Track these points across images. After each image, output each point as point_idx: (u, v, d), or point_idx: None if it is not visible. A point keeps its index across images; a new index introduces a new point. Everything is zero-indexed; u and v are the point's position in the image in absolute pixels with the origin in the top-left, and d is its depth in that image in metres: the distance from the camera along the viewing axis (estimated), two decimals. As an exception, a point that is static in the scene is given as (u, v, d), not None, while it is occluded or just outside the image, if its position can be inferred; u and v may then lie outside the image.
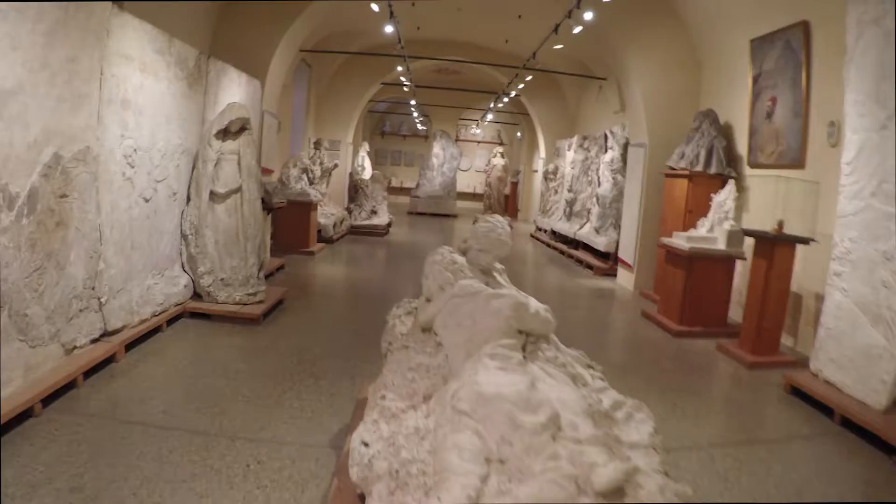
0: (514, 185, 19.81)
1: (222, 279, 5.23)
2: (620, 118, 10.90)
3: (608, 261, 9.21)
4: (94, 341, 3.92)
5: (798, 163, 5.94)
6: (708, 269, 5.99)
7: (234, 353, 4.33)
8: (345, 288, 7.02)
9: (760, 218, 5.52)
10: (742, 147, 6.92)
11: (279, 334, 4.88)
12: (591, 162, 10.93)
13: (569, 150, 12.66)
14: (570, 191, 11.81)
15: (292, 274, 7.41)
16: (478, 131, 22.08)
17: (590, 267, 9.35)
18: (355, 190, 12.28)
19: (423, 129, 22.96)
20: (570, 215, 11.75)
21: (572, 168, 11.85)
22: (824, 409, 4.08)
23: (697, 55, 7.84)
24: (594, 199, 10.29)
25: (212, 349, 4.39)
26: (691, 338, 5.90)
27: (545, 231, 13.26)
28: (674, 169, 7.28)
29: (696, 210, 6.96)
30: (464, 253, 3.04)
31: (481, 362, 2.37)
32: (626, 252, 8.36)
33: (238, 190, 5.37)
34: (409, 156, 24.52)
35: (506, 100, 13.33)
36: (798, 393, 4.40)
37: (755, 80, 6.63)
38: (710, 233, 6.18)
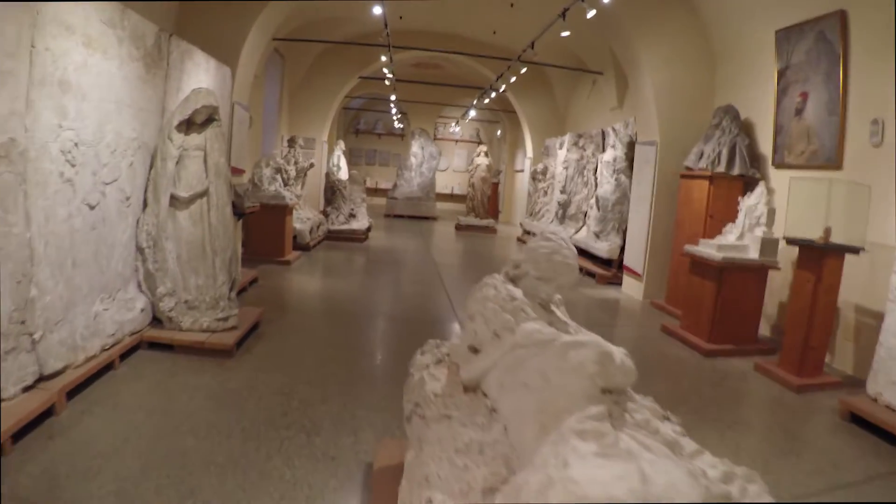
0: (495, 185, 19.18)
1: (187, 301, 4.41)
2: (618, 115, 10.35)
3: (611, 268, 8.61)
4: (26, 389, 3.11)
5: (834, 163, 5.42)
6: (740, 280, 5.41)
7: (202, 399, 3.53)
8: (328, 304, 6.23)
9: (792, 223, 4.96)
10: (765, 146, 6.38)
11: (257, 369, 4.09)
12: (586, 161, 10.34)
13: (560, 148, 12.07)
14: (562, 192, 11.21)
15: (267, 288, 6.60)
16: (457, 129, 21.40)
17: (591, 275, 8.74)
18: (332, 192, 11.47)
19: (399, 128, 22.18)
20: (563, 218, 11.15)
21: (565, 168, 11.25)
22: (887, 436, 3.75)
23: (713, 47, 7.28)
24: (593, 202, 9.70)
25: (175, 394, 3.58)
26: (724, 357, 5.33)
27: (534, 235, 12.61)
28: (691, 169, 6.71)
29: (718, 215, 6.41)
30: (514, 281, 2.33)
31: (568, 445, 1.67)
32: (634, 259, 7.77)
33: (204, 193, 4.56)
34: (384, 155, 23.75)
35: (494, 95, 12.67)
36: (856, 419, 4.02)
37: (781, 73, 6.09)
38: (741, 240, 5.60)
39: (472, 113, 16.41)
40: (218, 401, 3.50)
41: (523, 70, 10.71)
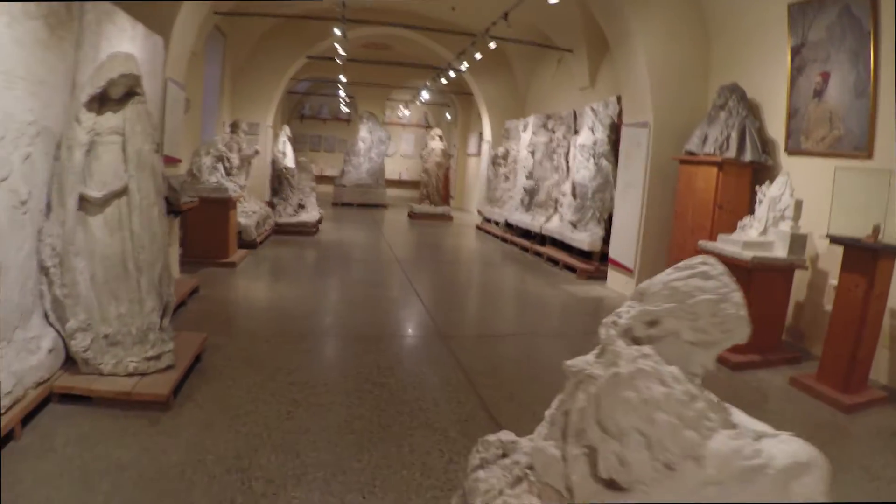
0: (447, 170, 18.24)
1: (106, 336, 3.28)
2: (590, 95, 9.60)
3: (590, 260, 7.88)
4: None
5: (863, 151, 4.80)
6: (768, 281, 4.73)
7: (130, 486, 2.47)
8: (283, 320, 5.11)
9: (837, 220, 4.32)
10: (775, 130, 5.73)
11: (202, 428, 3.03)
12: (557, 145, 9.56)
13: (524, 131, 11.24)
14: (529, 178, 10.40)
15: (211, 300, 5.45)
16: (406, 113, 20.26)
17: (570, 269, 7.99)
18: (279, 181, 10.23)
19: (346, 112, 20.84)
20: (529, 205, 10.36)
21: (531, 152, 10.44)
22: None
23: (710, 20, 6.57)
24: (566, 188, 8.94)
25: (93, 480, 2.51)
26: (751, 369, 4.65)
27: (496, 223, 11.82)
28: (694, 154, 6.00)
29: (727, 205, 5.74)
30: (637, 342, 1.42)
31: None
32: (622, 252, 7.05)
33: (123, 192, 3.41)
34: (329, 141, 22.38)
35: (453, 74, 11.67)
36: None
37: (796, 51, 5.43)
38: (764, 235, 4.92)
39: (426, 95, 15.35)
40: (150, 488, 2.45)
41: (492, 45, 9.77)
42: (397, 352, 4.56)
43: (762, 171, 5.80)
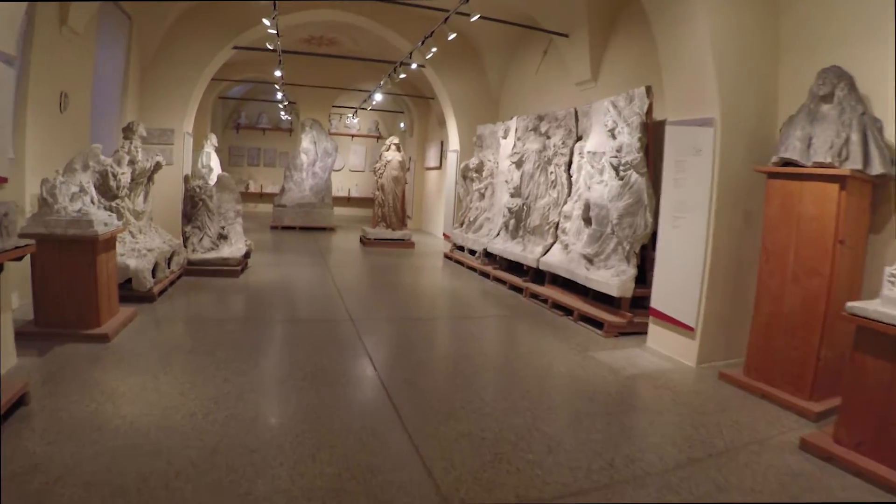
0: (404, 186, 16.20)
1: None
2: (592, 92, 7.77)
3: (618, 310, 5.95)
4: None
5: None
6: None
7: None
8: (162, 470, 2.90)
9: None
10: (889, 131, 3.99)
11: None
12: (553, 153, 7.64)
13: (504, 137, 9.32)
14: (515, 195, 8.45)
15: (40, 428, 3.18)
16: (355, 121, 18.11)
17: (592, 322, 6.02)
18: (192, 204, 7.92)
19: (287, 120, 18.54)
20: (516, 231, 8.40)
21: (514, 163, 8.50)
22: None
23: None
24: (572, 209, 7.02)
25: None
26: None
27: (471, 252, 9.81)
28: (795, 164, 4.16)
29: (851, 240, 3.91)
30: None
31: None
32: (675, 302, 5.14)
33: None
34: (269, 154, 20.05)
35: (414, 66, 9.64)
36: None
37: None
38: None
39: (379, 97, 13.27)
40: None
41: (451, 36, 7.82)
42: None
43: (880, 190, 4.06)
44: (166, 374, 4.04)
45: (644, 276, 6.04)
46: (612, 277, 5.90)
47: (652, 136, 5.94)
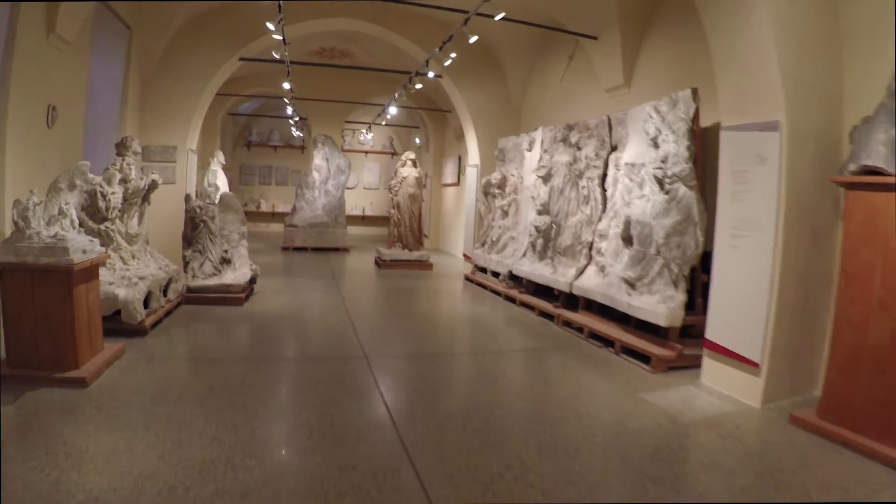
0: (420, 204, 15.73)
1: None
2: (625, 99, 7.22)
3: (666, 340, 5.33)
4: None
5: None
6: None
7: None
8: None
9: None
10: None
11: None
12: (585, 166, 7.08)
13: (530, 149, 8.78)
14: (542, 212, 7.88)
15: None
16: (369, 137, 17.73)
17: (638, 355, 5.40)
18: (193, 226, 7.47)
19: (299, 136, 18.23)
20: (544, 251, 7.82)
21: (541, 177, 7.94)
22: None
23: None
24: (608, 227, 6.44)
25: None
26: None
27: (494, 274, 9.24)
28: (881, 173, 3.55)
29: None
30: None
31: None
32: (736, 334, 4.52)
33: None
34: (281, 172, 19.75)
35: (431, 75, 9.17)
36: None
37: None
38: None
39: (393, 110, 12.85)
40: None
41: (473, 39, 7.32)
42: None
43: None
44: (147, 429, 3.50)
45: (692, 301, 5.43)
46: (659, 304, 5.28)
47: (699, 145, 5.36)
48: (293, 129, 16.45)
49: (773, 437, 3.84)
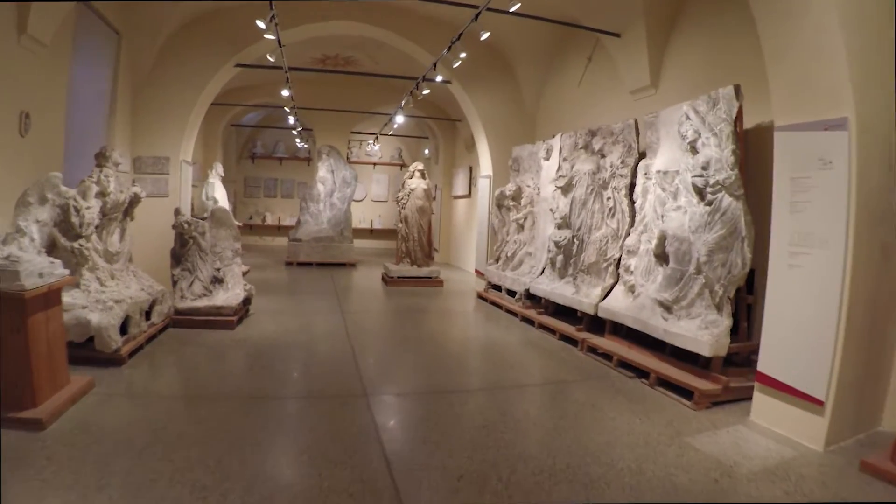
0: (430, 217, 15.23)
1: None
2: (651, 101, 6.70)
3: (708, 371, 4.74)
4: None
5: None
6: None
7: None
8: None
9: None
10: None
11: None
12: (611, 175, 6.54)
13: (547, 158, 8.26)
14: (562, 226, 7.34)
15: None
16: (376, 148, 17.30)
17: (679, 390, 4.81)
18: (182, 243, 6.99)
19: (304, 149, 17.87)
20: (564, 269, 7.26)
21: (561, 188, 7.41)
22: None
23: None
24: (638, 243, 5.88)
25: None
26: None
27: (509, 292, 8.69)
28: None
29: None
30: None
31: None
32: (797, 368, 3.93)
33: None
34: (287, 184, 19.39)
35: (439, 79, 8.69)
36: None
37: None
38: None
39: (400, 119, 12.39)
40: None
41: (485, 35, 6.82)
42: None
43: None
44: (100, 491, 2.96)
45: (737, 325, 4.85)
46: (701, 331, 4.70)
47: (743, 149, 4.81)
48: (296, 139, 16.06)
49: (847, 492, 3.25)
